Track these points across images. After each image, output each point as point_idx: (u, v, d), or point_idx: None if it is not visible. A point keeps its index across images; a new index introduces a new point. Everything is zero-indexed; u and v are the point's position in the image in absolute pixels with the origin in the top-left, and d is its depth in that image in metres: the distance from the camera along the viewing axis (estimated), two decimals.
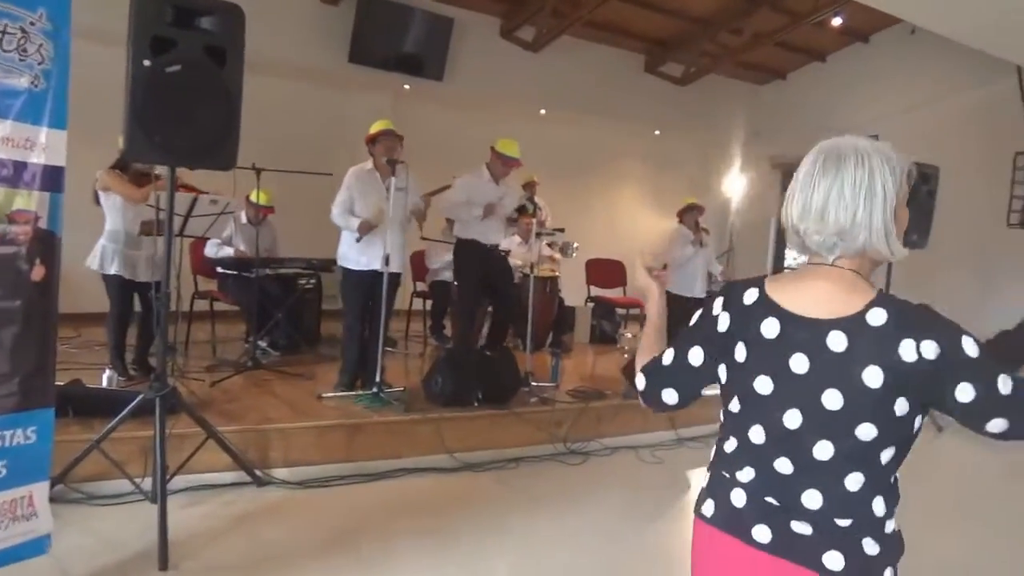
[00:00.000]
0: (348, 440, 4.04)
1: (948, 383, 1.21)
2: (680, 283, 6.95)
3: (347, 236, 4.71)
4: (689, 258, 6.86)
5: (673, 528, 3.73)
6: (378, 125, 4.79)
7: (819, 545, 1.26)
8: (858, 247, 1.29)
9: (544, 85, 8.75)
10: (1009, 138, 7.56)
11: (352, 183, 4.72)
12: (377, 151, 4.73)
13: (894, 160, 1.30)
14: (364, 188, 4.70)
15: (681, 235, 6.96)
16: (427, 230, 6.92)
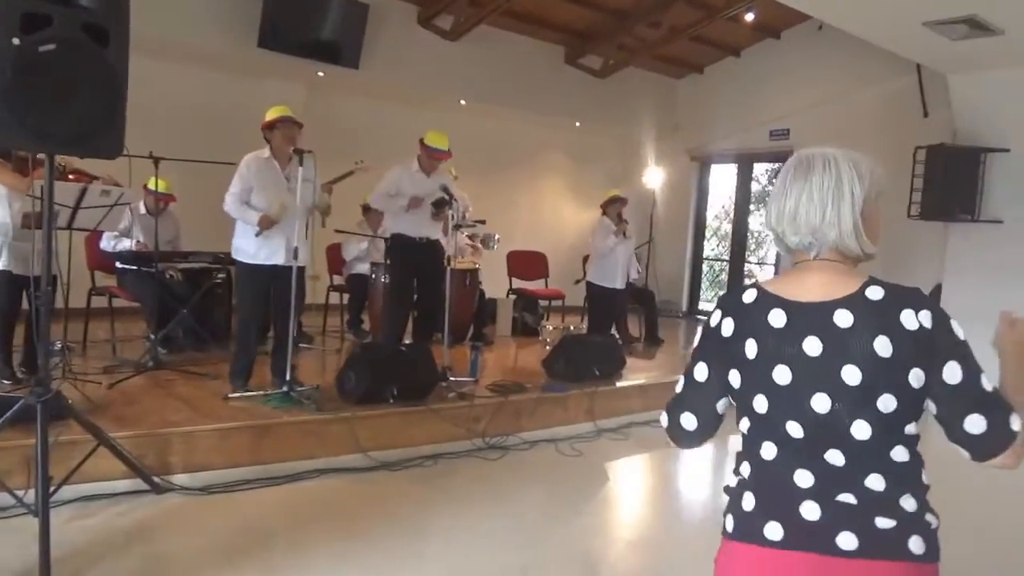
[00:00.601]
0: (255, 442, 3.86)
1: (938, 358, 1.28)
2: (602, 274, 7.03)
3: (242, 228, 4.45)
4: (611, 249, 6.92)
5: (591, 523, 3.72)
6: (276, 111, 4.54)
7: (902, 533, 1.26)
8: (831, 244, 1.36)
9: (464, 75, 8.63)
10: (910, 133, 7.88)
11: (248, 172, 4.44)
12: (276, 138, 4.48)
13: (862, 165, 1.37)
14: (263, 178, 4.44)
15: (604, 226, 7.02)
16: (342, 222, 6.75)
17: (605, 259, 7.01)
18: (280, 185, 4.45)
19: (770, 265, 10.64)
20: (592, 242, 7.11)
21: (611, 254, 6.98)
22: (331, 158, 6.78)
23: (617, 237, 6.95)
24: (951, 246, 7.65)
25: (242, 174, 4.43)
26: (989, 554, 3.44)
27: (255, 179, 4.42)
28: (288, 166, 4.47)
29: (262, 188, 4.43)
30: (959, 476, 4.00)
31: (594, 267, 7.15)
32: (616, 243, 6.95)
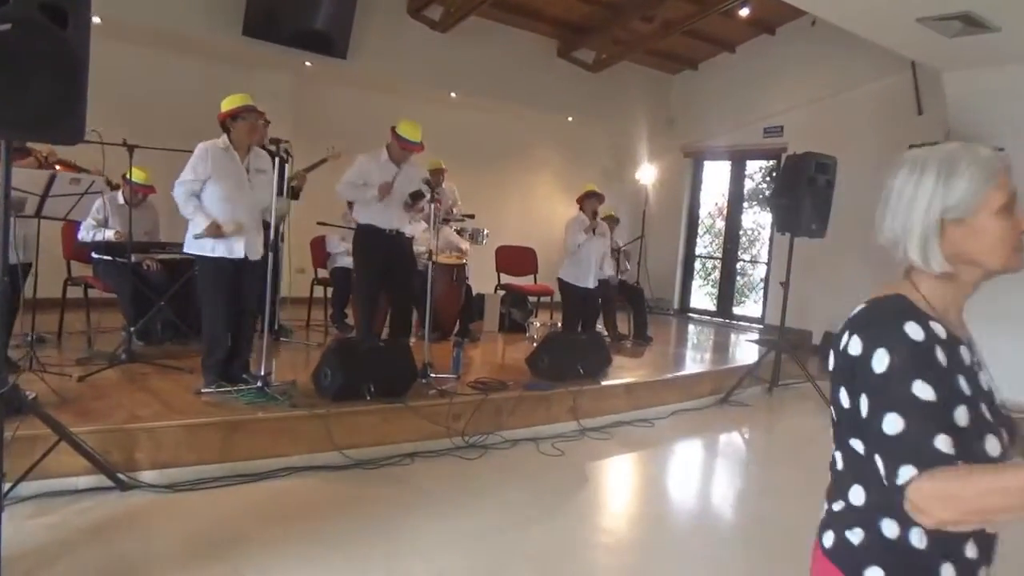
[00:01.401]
0: (225, 439, 3.76)
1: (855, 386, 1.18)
2: (572, 271, 6.87)
3: (195, 221, 4.27)
4: (581, 245, 6.75)
5: (570, 524, 3.63)
6: (238, 99, 4.31)
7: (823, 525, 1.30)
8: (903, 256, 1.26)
9: (454, 67, 8.52)
10: (904, 130, 7.79)
11: (205, 162, 4.20)
12: (237, 129, 4.27)
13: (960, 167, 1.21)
14: (221, 169, 4.24)
15: (577, 222, 6.88)
16: (325, 214, 6.66)
17: (576, 256, 6.84)
18: (240, 178, 4.29)
19: (763, 263, 10.56)
20: (564, 237, 6.96)
21: (581, 251, 6.81)
22: (319, 149, 6.71)
23: (587, 234, 6.79)
24: None
25: (196, 164, 4.21)
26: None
27: (214, 171, 4.22)
28: (248, 158, 4.33)
29: (220, 180, 4.23)
30: None
31: (564, 264, 7.00)
32: (586, 240, 6.78)
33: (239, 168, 4.31)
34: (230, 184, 4.27)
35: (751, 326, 10.29)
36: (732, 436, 5.75)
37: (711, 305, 11.23)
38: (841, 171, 6.71)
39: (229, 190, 4.26)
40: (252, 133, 4.34)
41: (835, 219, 6.70)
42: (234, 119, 4.30)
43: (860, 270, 8.75)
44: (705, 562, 3.29)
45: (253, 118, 4.34)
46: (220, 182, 4.25)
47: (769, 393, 6.83)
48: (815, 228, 6.49)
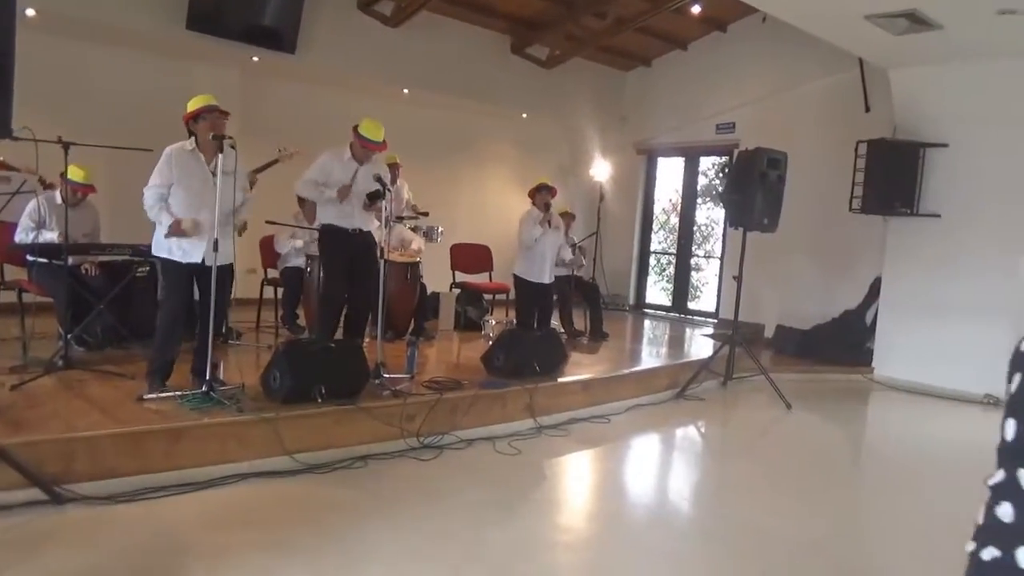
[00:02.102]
0: (169, 446, 3.61)
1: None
2: (527, 267, 6.79)
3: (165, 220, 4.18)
4: (536, 239, 6.69)
5: (527, 524, 3.58)
6: (200, 100, 4.24)
7: None
8: None
9: (406, 63, 8.41)
10: (852, 127, 7.94)
11: (170, 165, 4.13)
12: (201, 129, 4.19)
13: None
14: (186, 171, 4.15)
15: (530, 217, 6.79)
16: (275, 213, 6.50)
17: (530, 252, 6.75)
18: (205, 180, 4.16)
19: (716, 258, 10.67)
20: (518, 233, 6.86)
21: (536, 247, 6.72)
22: (267, 147, 6.54)
23: (542, 227, 6.73)
24: (890, 239, 7.74)
25: (162, 168, 4.14)
26: None
27: (179, 174, 4.13)
28: (214, 159, 4.20)
29: (184, 183, 4.14)
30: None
31: (519, 260, 6.88)
32: (541, 234, 6.72)
33: (204, 171, 4.20)
34: (194, 188, 4.17)
35: (706, 321, 10.39)
36: (688, 430, 5.77)
37: (666, 300, 11.32)
38: (791, 167, 6.80)
39: (193, 194, 4.16)
40: (211, 131, 4.20)
41: (786, 214, 6.79)
42: (196, 120, 4.22)
43: (810, 264, 8.94)
44: (663, 557, 3.27)
45: (215, 117, 4.24)
46: (184, 185, 4.16)
47: (724, 387, 6.89)
48: (767, 223, 6.56)
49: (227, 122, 4.33)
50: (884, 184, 7.24)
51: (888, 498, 4.40)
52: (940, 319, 7.28)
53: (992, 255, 7.00)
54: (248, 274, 7.46)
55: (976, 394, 7.01)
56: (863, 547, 3.57)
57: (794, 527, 3.71)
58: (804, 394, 6.72)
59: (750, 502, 4.12)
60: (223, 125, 4.26)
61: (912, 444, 5.68)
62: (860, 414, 6.86)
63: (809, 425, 6.03)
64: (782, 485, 4.46)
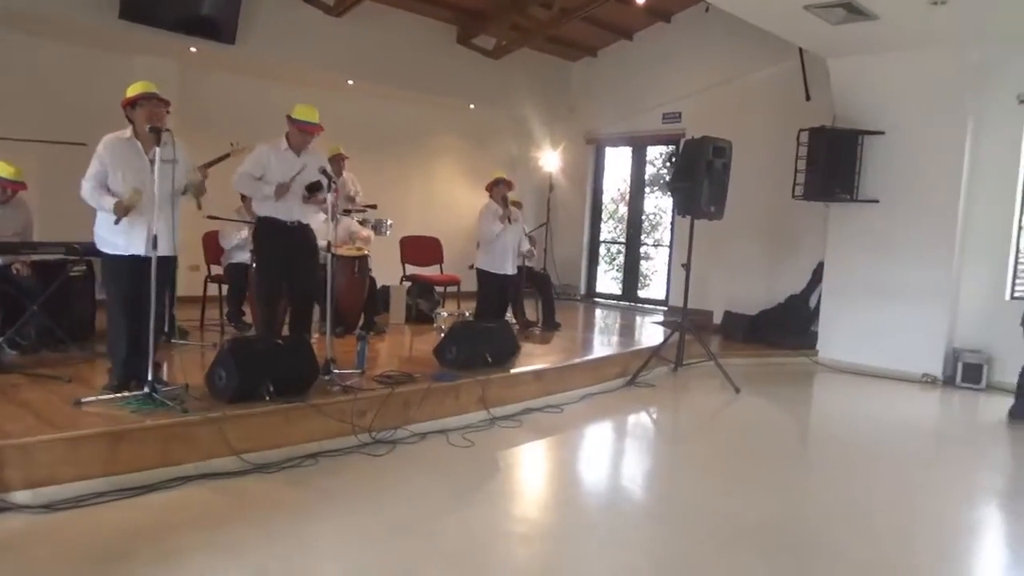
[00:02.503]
0: (109, 451, 3.48)
1: None
2: (490, 260, 6.82)
3: (103, 216, 4.06)
4: (498, 235, 6.72)
5: (482, 516, 3.56)
6: (138, 87, 4.11)
7: None
8: None
9: (350, 53, 8.28)
10: (793, 116, 8.10)
11: (107, 154, 4.03)
12: (138, 117, 4.06)
13: None
14: (123, 160, 4.04)
15: (490, 211, 6.80)
16: (218, 208, 6.34)
17: (492, 245, 6.79)
18: (143, 169, 4.02)
19: (665, 246, 10.80)
20: (478, 227, 6.89)
21: (498, 240, 6.77)
22: (208, 140, 6.34)
23: (503, 222, 6.75)
24: (832, 225, 7.93)
25: (100, 157, 4.02)
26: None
27: (115, 162, 4.01)
28: (154, 148, 4.06)
29: (122, 171, 4.01)
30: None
31: (482, 253, 6.92)
32: (501, 230, 6.75)
33: (142, 160, 4.06)
34: (131, 176, 4.03)
35: (656, 308, 10.51)
36: (640, 417, 5.83)
37: (617, 289, 11.42)
38: (737, 155, 6.90)
39: (131, 183, 4.01)
40: (152, 120, 4.05)
41: (732, 202, 6.89)
42: (134, 107, 4.09)
43: (755, 250, 9.11)
44: (617, 543, 3.30)
45: (153, 105, 4.09)
46: (121, 175, 4.02)
47: (674, 373, 6.98)
48: (713, 211, 6.65)
49: (167, 112, 4.18)
50: (825, 171, 7.42)
51: (833, 477, 4.51)
52: (880, 302, 7.50)
53: (927, 239, 7.24)
54: (191, 271, 7.27)
55: (915, 374, 7.25)
56: (811, 525, 3.66)
57: (744, 508, 3.77)
58: (752, 378, 6.85)
59: (701, 485, 4.18)
60: (162, 115, 4.12)
61: (855, 424, 5.84)
62: (806, 396, 7.03)
63: (757, 408, 6.15)
64: (732, 468, 4.53)
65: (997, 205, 7.14)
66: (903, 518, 3.81)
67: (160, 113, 4.11)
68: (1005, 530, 3.90)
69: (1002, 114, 7.04)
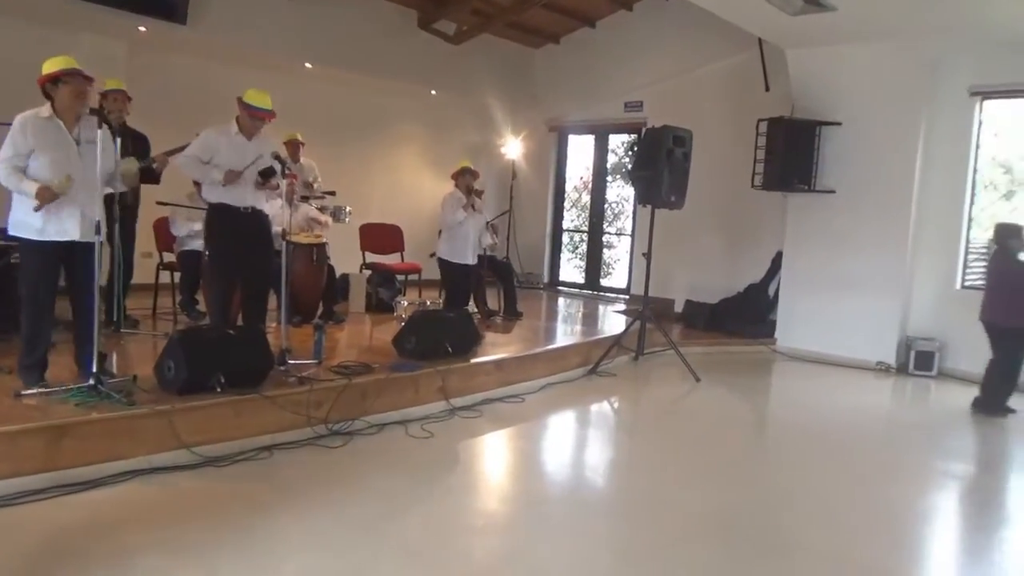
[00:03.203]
0: (50, 445, 3.34)
1: None
2: (451, 249, 6.78)
3: (20, 199, 3.81)
4: (460, 223, 6.69)
5: (440, 509, 3.51)
6: (59, 62, 3.85)
7: None
8: None
9: (308, 36, 8.07)
10: (753, 106, 8.15)
11: (26, 134, 3.74)
12: (61, 94, 3.82)
13: None
14: (47, 140, 3.79)
15: (454, 199, 6.77)
16: (168, 194, 6.16)
17: (454, 233, 6.76)
18: (68, 149, 3.83)
19: (627, 235, 10.82)
20: (441, 216, 6.84)
21: (460, 229, 6.74)
22: (159, 124, 6.16)
23: (466, 211, 6.71)
24: (790, 215, 8.01)
25: (16, 137, 3.74)
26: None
27: (39, 143, 3.75)
28: (76, 127, 3.87)
29: (45, 151, 3.77)
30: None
31: (443, 242, 6.90)
32: (465, 217, 6.72)
33: (67, 139, 3.84)
34: (58, 156, 3.79)
35: (618, 297, 10.54)
36: (601, 406, 5.83)
37: (580, 278, 11.42)
38: (697, 145, 6.92)
39: (58, 163, 3.77)
40: (79, 99, 3.86)
41: (693, 191, 6.91)
42: (55, 83, 3.82)
43: (716, 240, 9.17)
44: (577, 535, 3.28)
45: (78, 82, 3.85)
46: (45, 155, 3.76)
47: (635, 362, 7.00)
48: (674, 200, 6.66)
49: (91, 90, 3.99)
50: (783, 161, 7.48)
51: (791, 465, 4.55)
52: (837, 291, 7.61)
53: (882, 229, 7.35)
54: (144, 258, 7.04)
55: (869, 361, 7.37)
56: (768, 514, 3.68)
57: (703, 498, 3.79)
58: (712, 366, 6.90)
59: (660, 475, 4.18)
60: (87, 93, 3.92)
61: (812, 412, 5.92)
62: (764, 384, 7.11)
63: (717, 397, 6.19)
64: (691, 457, 4.55)
65: (949, 196, 7.28)
66: (859, 505, 3.86)
67: (86, 91, 3.92)
68: (961, 517, 3.98)
69: (954, 107, 7.17)
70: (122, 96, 5.46)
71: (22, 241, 3.86)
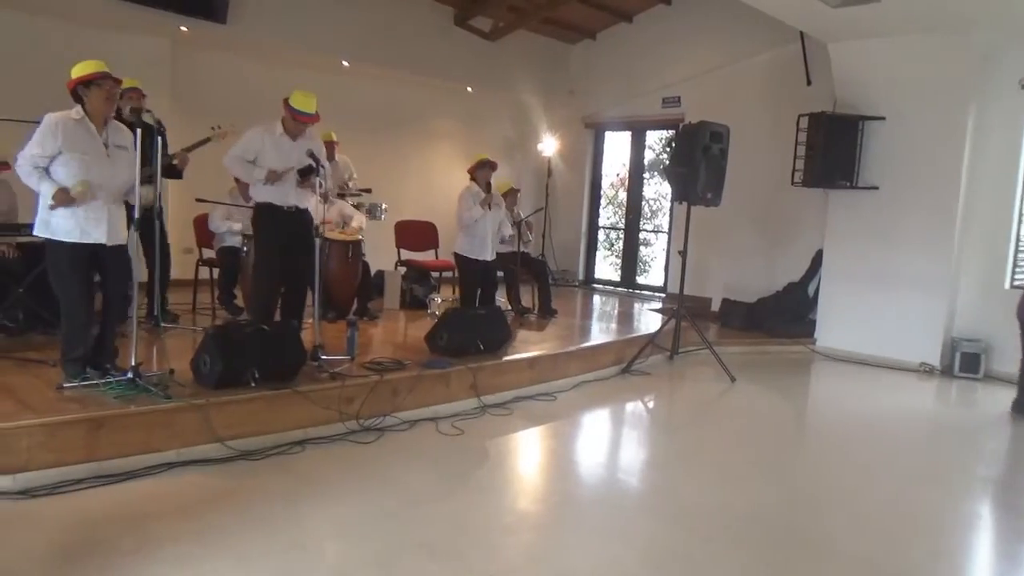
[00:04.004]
0: (89, 436, 3.43)
1: None
2: (469, 245, 6.65)
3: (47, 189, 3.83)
4: (477, 220, 6.56)
5: (467, 505, 3.51)
6: (91, 65, 3.88)
7: None
8: None
9: (344, 34, 8.16)
10: (794, 101, 7.99)
11: (56, 135, 3.75)
12: (92, 97, 3.84)
13: None
14: (75, 142, 3.80)
15: (470, 194, 6.62)
16: (209, 191, 6.28)
17: (471, 229, 6.63)
18: (99, 153, 3.87)
19: (664, 232, 10.71)
20: (457, 212, 6.69)
21: (477, 225, 6.61)
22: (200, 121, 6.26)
23: (483, 208, 6.58)
24: (831, 212, 7.84)
25: (45, 137, 3.74)
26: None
27: (69, 144, 3.78)
28: (105, 130, 3.93)
29: (74, 153, 3.79)
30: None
31: (460, 238, 6.72)
32: (481, 215, 6.57)
33: (96, 141, 3.89)
34: (87, 159, 3.83)
35: (654, 295, 10.45)
36: (635, 405, 5.78)
37: (615, 275, 11.34)
38: (735, 141, 6.80)
39: (86, 165, 3.81)
40: (108, 102, 3.91)
41: (731, 188, 6.80)
42: (87, 86, 3.86)
43: (754, 238, 9.02)
44: (608, 536, 3.25)
45: (109, 85, 3.90)
46: (74, 156, 3.80)
47: (670, 361, 6.92)
48: (710, 197, 6.56)
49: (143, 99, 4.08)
50: (825, 157, 7.31)
51: (828, 467, 4.46)
52: (879, 290, 7.43)
53: (927, 227, 7.15)
54: (184, 254, 7.20)
55: (912, 362, 7.18)
56: (804, 517, 3.61)
57: (737, 499, 3.72)
58: (749, 366, 6.79)
59: (693, 476, 4.13)
60: (117, 96, 3.99)
61: (852, 413, 5.78)
62: (802, 385, 6.97)
63: (752, 397, 6.09)
64: (725, 458, 4.48)
65: (997, 193, 7.05)
66: (898, 510, 3.76)
67: (116, 94, 3.98)
68: (1002, 524, 3.85)
69: (1004, 100, 6.93)
70: (137, 94, 5.50)
71: (48, 242, 3.89)
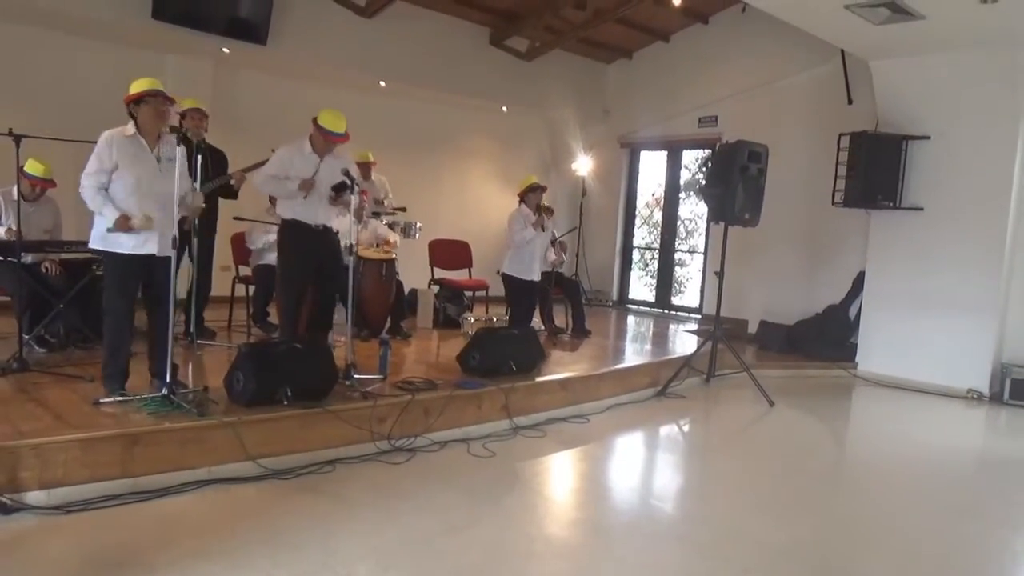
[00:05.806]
0: (124, 453, 3.45)
1: None
2: (518, 266, 6.73)
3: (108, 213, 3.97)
4: (529, 241, 6.65)
5: (497, 530, 3.45)
6: (144, 83, 4.05)
7: None
8: None
9: (382, 54, 8.24)
10: (834, 120, 7.86)
11: (110, 151, 3.92)
12: (143, 114, 4.00)
13: None
14: (128, 156, 3.95)
15: (522, 215, 6.73)
16: (247, 210, 6.36)
17: (521, 251, 6.72)
18: (149, 166, 4.00)
19: (700, 253, 10.58)
20: (508, 233, 6.80)
21: (528, 246, 6.70)
22: (241, 140, 6.38)
23: (536, 229, 6.67)
24: (873, 233, 7.66)
25: (102, 153, 3.93)
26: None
27: (123, 160, 3.93)
28: (157, 145, 4.04)
29: (130, 170, 3.95)
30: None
31: (509, 258, 6.85)
32: (533, 237, 6.67)
33: (149, 157, 4.02)
34: (140, 174, 3.97)
35: (690, 316, 10.30)
36: (670, 429, 5.66)
37: (650, 296, 11.22)
38: (773, 160, 6.70)
39: (139, 181, 3.96)
40: (159, 118, 4.03)
41: (768, 208, 6.69)
42: (139, 104, 4.01)
43: (793, 259, 8.86)
44: (640, 565, 3.16)
45: (158, 103, 4.03)
46: (129, 172, 3.95)
47: (706, 384, 6.79)
48: (748, 217, 6.46)
49: (171, 110, 4.15)
50: (867, 177, 7.16)
51: (869, 498, 4.30)
52: (924, 313, 7.22)
53: (975, 249, 6.94)
54: (223, 271, 7.29)
55: (959, 389, 6.95)
56: (842, 550, 3.47)
57: (775, 529, 3.60)
58: (787, 390, 6.63)
59: (729, 504, 4.01)
60: (168, 113, 4.08)
61: (895, 441, 5.60)
62: (843, 410, 6.78)
63: (791, 423, 5.93)
64: (763, 485, 4.35)
65: None
66: (941, 544, 3.60)
67: (167, 112, 4.08)
68: None
69: None
70: (199, 114, 5.65)
71: (105, 254, 4.03)
